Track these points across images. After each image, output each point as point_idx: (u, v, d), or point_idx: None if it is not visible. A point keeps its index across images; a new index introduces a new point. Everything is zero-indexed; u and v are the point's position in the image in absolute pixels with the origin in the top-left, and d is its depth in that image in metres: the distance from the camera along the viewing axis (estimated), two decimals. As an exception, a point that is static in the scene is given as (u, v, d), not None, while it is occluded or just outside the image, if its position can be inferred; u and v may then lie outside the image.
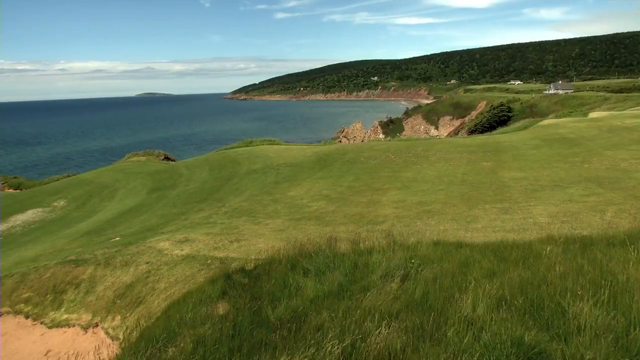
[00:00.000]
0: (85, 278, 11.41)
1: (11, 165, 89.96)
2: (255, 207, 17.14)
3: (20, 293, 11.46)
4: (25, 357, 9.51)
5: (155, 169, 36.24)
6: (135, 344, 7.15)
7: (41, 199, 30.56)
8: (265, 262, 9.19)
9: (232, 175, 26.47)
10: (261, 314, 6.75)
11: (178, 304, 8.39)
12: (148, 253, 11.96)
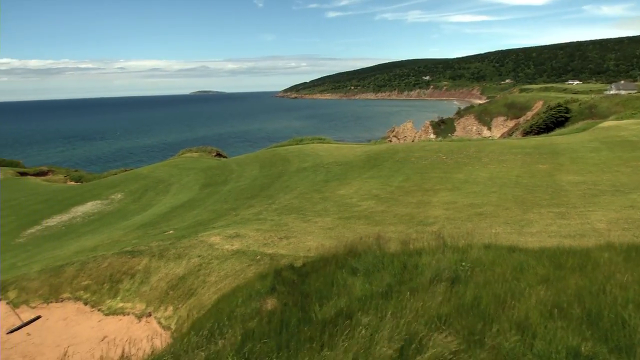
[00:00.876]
0: (140, 269, 11.83)
1: (74, 159, 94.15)
2: (305, 204, 17.26)
3: (80, 280, 12.01)
4: (84, 341, 9.92)
5: (208, 165, 37.07)
6: (186, 334, 7.36)
7: (100, 192, 31.85)
8: (314, 260, 9.25)
9: (282, 173, 26.75)
10: (309, 312, 6.80)
11: (228, 297, 8.57)
12: (200, 247, 12.26)
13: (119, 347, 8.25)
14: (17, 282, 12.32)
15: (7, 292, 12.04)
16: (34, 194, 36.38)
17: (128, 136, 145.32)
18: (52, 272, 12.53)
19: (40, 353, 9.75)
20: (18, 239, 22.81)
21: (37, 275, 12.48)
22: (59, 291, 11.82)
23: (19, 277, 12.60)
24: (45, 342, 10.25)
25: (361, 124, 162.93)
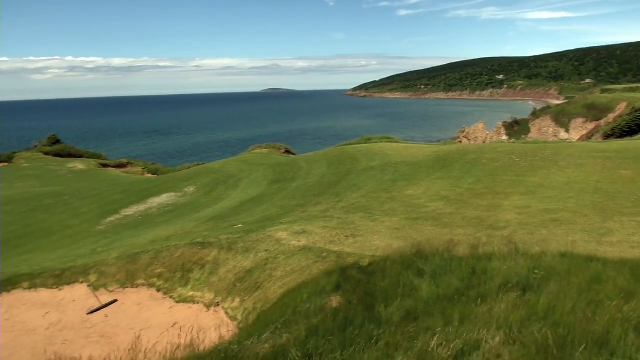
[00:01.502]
0: (209, 260, 12.23)
1: (152, 153, 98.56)
2: (372, 204, 17.19)
3: (154, 268, 12.58)
4: (155, 326, 10.38)
5: (277, 162, 37.71)
6: (252, 326, 7.54)
7: (174, 185, 33.18)
8: (380, 259, 9.20)
9: (350, 171, 26.77)
10: (374, 311, 6.78)
11: (293, 292, 8.69)
12: (267, 241, 12.50)
13: (188, 334, 8.54)
14: (97, 267, 13.08)
15: (88, 276, 12.81)
16: (114, 184, 38.45)
17: (201, 132, 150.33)
18: (129, 259, 13.20)
19: (116, 334, 10.29)
20: (99, 226, 24.19)
21: (115, 261, 13.18)
22: (135, 277, 12.44)
23: (99, 262, 13.36)
24: (120, 324, 10.82)
25: (431, 123, 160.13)
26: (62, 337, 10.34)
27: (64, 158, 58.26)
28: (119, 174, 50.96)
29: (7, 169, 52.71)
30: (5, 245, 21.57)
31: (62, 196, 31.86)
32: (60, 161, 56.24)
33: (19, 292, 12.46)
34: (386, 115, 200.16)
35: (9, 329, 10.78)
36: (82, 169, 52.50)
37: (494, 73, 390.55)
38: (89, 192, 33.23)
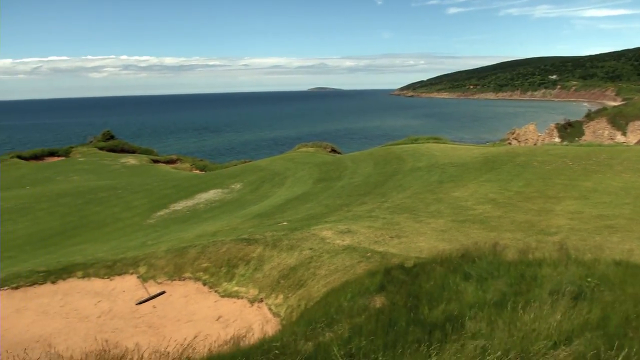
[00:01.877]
0: (254, 256, 12.39)
1: (201, 150, 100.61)
2: (418, 205, 16.99)
3: (200, 262, 12.86)
4: (201, 318, 10.60)
5: (322, 160, 37.81)
6: (295, 323, 7.58)
7: (221, 181, 33.79)
8: (425, 261, 9.08)
9: (396, 172, 26.55)
10: (417, 313, 6.70)
11: (337, 291, 8.69)
12: (311, 240, 12.56)
13: (232, 328, 8.69)
14: (146, 259, 13.47)
15: (138, 268, 13.21)
16: (164, 180, 39.50)
17: (249, 129, 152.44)
18: (177, 252, 13.53)
19: (163, 325, 10.57)
20: (149, 219, 24.91)
21: (164, 254, 13.54)
22: (182, 270, 12.75)
23: (149, 255, 13.75)
24: (167, 315, 11.11)
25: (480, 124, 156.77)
26: (112, 325, 10.71)
27: (118, 153, 60.31)
28: (168, 170, 52.33)
29: (65, 162, 55.06)
30: (62, 236, 22.54)
31: (115, 190, 33.01)
32: (113, 156, 58.26)
33: (74, 280, 12.98)
34: (434, 115, 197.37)
35: (64, 315, 11.25)
36: (134, 164, 54.23)
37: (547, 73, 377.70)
38: (140, 186, 34.28)
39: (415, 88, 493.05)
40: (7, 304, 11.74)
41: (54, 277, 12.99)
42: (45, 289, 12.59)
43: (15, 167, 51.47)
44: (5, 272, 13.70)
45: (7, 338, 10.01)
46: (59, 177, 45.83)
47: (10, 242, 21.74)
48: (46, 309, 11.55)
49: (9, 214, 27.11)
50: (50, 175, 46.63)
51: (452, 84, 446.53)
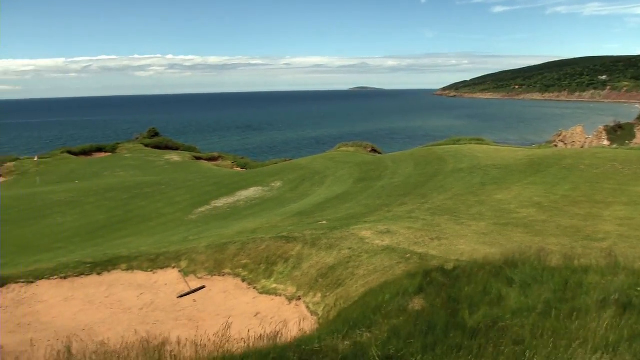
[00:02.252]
0: (293, 254, 12.45)
1: (243, 147, 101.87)
2: (459, 207, 16.72)
3: (240, 259, 13.01)
4: (239, 314, 10.71)
5: (362, 160, 37.70)
6: (333, 322, 7.57)
7: (262, 179, 34.13)
8: (466, 264, 8.91)
9: (437, 173, 26.20)
10: (457, 317, 6.58)
11: (375, 292, 8.63)
12: (350, 239, 12.52)
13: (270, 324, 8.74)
14: (188, 254, 13.73)
15: (179, 262, 13.48)
16: (206, 177, 40.22)
17: (290, 128, 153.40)
18: (217, 248, 13.74)
19: (202, 319, 10.74)
20: (191, 215, 25.41)
21: (205, 250, 13.77)
22: (222, 266, 12.93)
23: (190, 250, 14.01)
24: (207, 309, 11.30)
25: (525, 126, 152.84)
26: (153, 317, 10.96)
27: (162, 150, 61.81)
28: (210, 167, 53.26)
29: (112, 158, 56.83)
30: (108, 229, 23.26)
31: (159, 186, 33.83)
32: (158, 153, 59.75)
33: (118, 272, 13.36)
34: (477, 116, 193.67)
35: (108, 305, 11.60)
36: (178, 160, 55.43)
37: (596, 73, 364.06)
38: (182, 182, 35.01)
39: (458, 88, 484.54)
40: (56, 292, 12.20)
41: (99, 268, 13.41)
42: (91, 279, 13.01)
43: (66, 162, 53.47)
44: (55, 262, 14.24)
45: (55, 325, 10.40)
46: (106, 172, 47.35)
47: (60, 234, 22.60)
48: (92, 299, 11.93)
49: (59, 207, 28.18)
50: (98, 171, 48.25)
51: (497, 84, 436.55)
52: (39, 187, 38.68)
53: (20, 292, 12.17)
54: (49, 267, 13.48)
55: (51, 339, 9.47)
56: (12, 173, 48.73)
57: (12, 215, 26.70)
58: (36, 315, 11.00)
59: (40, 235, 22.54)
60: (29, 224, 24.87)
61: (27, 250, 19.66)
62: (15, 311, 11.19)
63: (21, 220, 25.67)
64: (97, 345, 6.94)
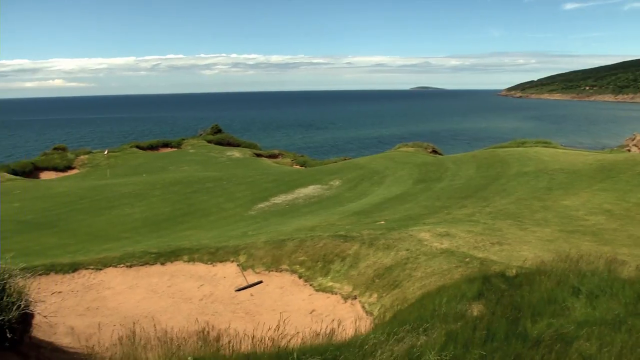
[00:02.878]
0: (350, 253, 12.44)
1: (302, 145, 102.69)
2: (523, 211, 16.16)
3: (297, 256, 13.13)
4: (295, 310, 10.81)
5: (422, 161, 37.16)
6: (389, 323, 7.50)
7: (321, 177, 34.30)
8: (529, 271, 8.60)
9: (500, 175, 25.44)
10: (519, 325, 6.36)
11: (432, 295, 8.48)
12: (408, 241, 12.37)
13: (325, 322, 8.77)
14: (247, 249, 14.00)
15: (238, 256, 13.76)
16: (266, 173, 40.88)
17: (351, 127, 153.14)
18: (275, 244, 13.93)
19: (259, 313, 10.92)
20: (250, 211, 25.90)
21: (263, 245, 14.00)
22: (279, 262, 13.10)
23: (249, 245, 14.28)
24: (263, 304, 11.48)
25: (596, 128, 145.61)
26: (212, 308, 11.26)
27: (224, 146, 63.39)
28: (270, 164, 54.07)
29: (177, 153, 58.88)
30: (172, 221, 24.09)
31: (220, 181, 34.71)
32: (220, 149, 61.31)
33: (180, 263, 13.81)
34: (545, 117, 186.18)
35: (170, 295, 12.01)
36: (239, 157, 56.67)
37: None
38: (243, 179, 35.75)
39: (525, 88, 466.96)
40: (122, 280, 12.77)
41: (163, 259, 13.91)
42: (155, 269, 13.51)
43: (134, 156, 55.92)
44: (122, 251, 14.91)
45: (121, 311, 10.89)
46: (171, 166, 49.09)
47: (127, 225, 23.63)
48: (155, 288, 12.40)
49: (127, 199, 29.47)
50: (163, 165, 50.11)
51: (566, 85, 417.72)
52: (109, 180, 40.63)
53: (89, 278, 12.83)
54: (116, 255, 14.13)
55: (117, 323, 9.92)
56: (85, 165, 51.49)
57: (85, 205, 28.19)
58: (103, 301, 11.55)
59: (110, 225, 23.67)
60: (100, 213, 26.17)
61: (97, 239, 20.71)
62: (84, 296, 11.81)
63: (93, 210, 27.04)
64: (159, 332, 7.20)
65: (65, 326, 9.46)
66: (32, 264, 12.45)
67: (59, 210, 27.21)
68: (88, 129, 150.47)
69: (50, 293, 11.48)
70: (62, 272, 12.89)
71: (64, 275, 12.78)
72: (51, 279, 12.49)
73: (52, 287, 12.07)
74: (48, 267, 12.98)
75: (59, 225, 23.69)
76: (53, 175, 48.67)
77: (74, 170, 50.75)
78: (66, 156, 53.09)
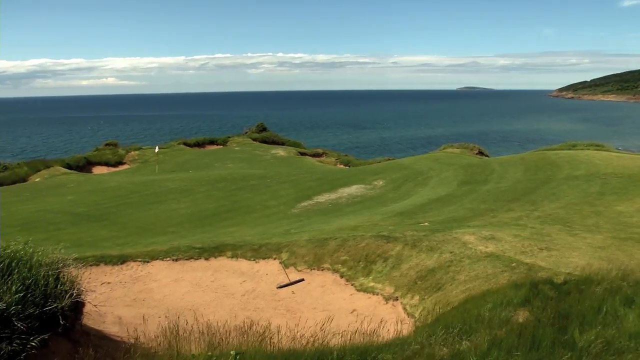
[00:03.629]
0: (393, 254, 12.35)
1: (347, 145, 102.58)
2: (573, 216, 15.62)
3: (339, 255, 13.14)
4: (336, 309, 10.81)
5: (468, 162, 36.48)
6: (431, 326, 7.40)
7: (364, 177, 34.17)
8: (578, 278, 8.31)
9: (549, 179, 24.68)
10: (566, 334, 6.16)
11: (476, 299, 8.33)
12: (452, 243, 12.18)
13: (366, 322, 8.74)
14: (289, 247, 14.11)
15: (280, 254, 13.89)
16: (310, 172, 41.05)
17: (395, 127, 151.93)
18: (318, 243, 13.98)
19: (300, 311, 10.99)
20: (293, 209, 26.07)
21: (305, 244, 14.07)
22: (321, 261, 13.14)
23: (291, 243, 14.39)
24: (304, 302, 11.54)
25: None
26: (254, 304, 11.40)
27: (269, 144, 64.11)
28: (314, 163, 54.27)
29: (222, 151, 59.96)
30: (216, 217, 24.53)
31: (264, 179, 35.10)
32: (265, 147, 62.04)
33: (223, 259, 14.05)
34: (596, 120, 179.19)
35: (214, 289, 12.24)
36: (283, 155, 57.16)
37: None
38: (287, 177, 36.01)
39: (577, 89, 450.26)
40: (168, 273, 13.10)
41: (207, 254, 14.19)
42: (199, 264, 13.80)
43: (181, 152, 57.28)
44: (168, 245, 15.30)
45: (166, 303, 11.18)
46: (217, 163, 50.01)
47: (174, 219, 24.22)
48: (199, 282, 12.66)
49: (174, 194, 30.21)
50: (209, 162, 51.10)
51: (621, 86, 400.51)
52: (157, 175, 41.76)
53: (137, 270, 13.23)
54: (162, 249, 14.51)
55: (162, 315, 10.19)
56: (135, 161, 53.13)
57: (134, 200, 29.09)
58: (150, 293, 11.89)
59: (157, 219, 24.32)
60: (148, 208, 26.93)
61: (145, 232, 21.33)
62: (132, 287, 12.18)
63: (141, 204, 27.86)
64: (202, 325, 7.35)
65: (114, 316, 9.80)
66: (84, 255, 12.95)
67: (109, 203, 28.18)
68: (142, 126, 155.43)
69: (99, 283, 11.91)
70: (112, 263, 13.35)
71: (113, 267, 13.23)
72: (101, 270, 12.95)
73: (102, 277, 12.51)
74: (98, 258, 13.46)
75: (109, 218, 24.53)
76: (105, 170, 50.49)
77: (124, 166, 52.48)
78: (117, 152, 54.94)
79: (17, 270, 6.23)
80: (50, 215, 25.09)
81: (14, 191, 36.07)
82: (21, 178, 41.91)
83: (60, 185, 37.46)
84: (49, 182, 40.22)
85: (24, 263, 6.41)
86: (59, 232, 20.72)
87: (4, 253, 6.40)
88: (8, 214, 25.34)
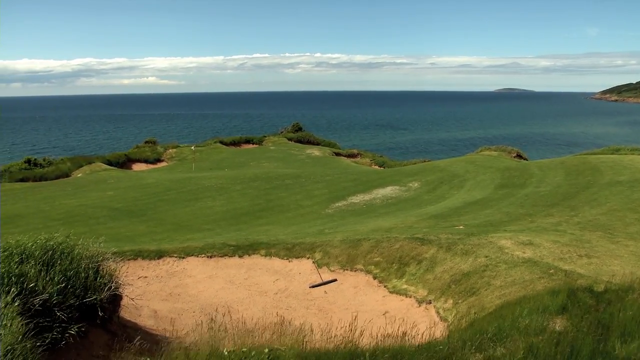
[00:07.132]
0: (427, 257, 12.22)
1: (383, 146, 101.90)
2: (615, 223, 15.13)
3: (372, 256, 13.09)
4: (368, 310, 10.78)
5: (506, 166, 35.78)
6: (464, 331, 7.29)
7: (399, 179, 33.94)
8: (619, 287, 8.04)
9: (591, 184, 23.97)
10: (607, 345, 5.97)
11: (512, 306, 8.16)
12: (488, 247, 11.97)
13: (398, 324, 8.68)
14: (322, 247, 14.13)
15: (314, 253, 13.93)
16: (344, 172, 41.02)
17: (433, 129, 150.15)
18: (351, 243, 13.96)
19: (332, 311, 10.99)
20: (327, 209, 26.11)
21: (339, 244, 14.07)
22: (354, 262, 13.12)
23: (325, 243, 14.41)
24: (336, 302, 11.54)
25: None
26: (286, 303, 11.47)
27: (304, 144, 64.39)
28: (349, 163, 54.21)
29: (258, 150, 60.54)
30: (250, 215, 24.80)
31: (299, 178, 35.27)
32: (300, 147, 62.33)
33: (257, 257, 14.19)
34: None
35: (247, 287, 12.38)
36: (318, 155, 57.30)
37: None
38: (321, 177, 36.08)
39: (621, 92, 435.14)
40: (203, 269, 13.31)
41: (241, 251, 14.36)
42: (233, 261, 13.98)
43: (217, 151, 58.14)
44: (203, 242, 15.55)
45: (201, 298, 11.37)
46: (252, 162, 50.54)
47: (209, 217, 24.61)
48: (232, 279, 12.82)
49: (210, 192, 30.68)
50: (245, 160, 51.70)
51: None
52: (194, 173, 42.48)
53: (173, 265, 13.50)
54: (198, 245, 14.75)
55: (196, 310, 10.37)
56: (173, 159, 54.21)
57: (171, 196, 29.68)
58: (185, 288, 12.11)
59: (193, 216, 24.75)
60: (184, 205, 27.43)
61: (181, 229, 21.74)
62: (168, 282, 12.43)
63: (178, 201, 28.41)
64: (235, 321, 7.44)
65: (150, 309, 10.02)
66: (122, 249, 13.29)
67: (147, 200, 28.84)
68: (183, 125, 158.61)
69: (137, 277, 12.20)
70: (149, 258, 13.66)
71: (150, 261, 13.53)
72: (138, 264, 13.26)
73: (139, 271, 12.81)
74: (136, 252, 13.80)
75: (147, 214, 25.11)
76: (144, 167, 51.74)
77: (162, 163, 53.64)
78: (156, 149, 56.19)
79: (59, 262, 6.45)
80: (90, 209, 25.87)
81: (58, 186, 37.38)
82: (64, 173, 43.47)
83: (100, 181, 38.57)
84: (90, 177, 41.48)
85: (65, 255, 6.64)
86: (99, 227, 21.33)
87: (47, 245, 6.63)
88: (52, 207, 26.27)
